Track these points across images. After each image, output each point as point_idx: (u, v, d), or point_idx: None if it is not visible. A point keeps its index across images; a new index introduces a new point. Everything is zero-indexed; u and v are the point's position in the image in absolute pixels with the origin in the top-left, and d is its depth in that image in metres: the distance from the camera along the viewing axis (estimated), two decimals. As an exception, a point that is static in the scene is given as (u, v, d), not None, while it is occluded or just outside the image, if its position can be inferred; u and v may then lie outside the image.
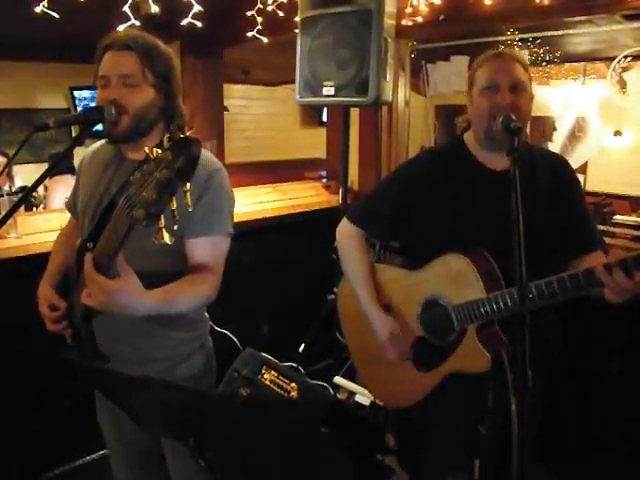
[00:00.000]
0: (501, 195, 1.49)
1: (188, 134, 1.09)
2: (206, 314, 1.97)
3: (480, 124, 1.83)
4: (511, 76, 1.79)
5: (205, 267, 1.67)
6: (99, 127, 1.67)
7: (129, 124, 1.65)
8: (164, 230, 1.15)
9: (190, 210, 1.18)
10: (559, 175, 1.92)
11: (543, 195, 1.83)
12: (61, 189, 4.88)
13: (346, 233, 2.13)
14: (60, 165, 4.97)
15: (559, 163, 1.98)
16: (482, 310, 1.75)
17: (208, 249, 1.69)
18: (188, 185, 1.13)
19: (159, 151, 1.12)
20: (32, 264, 1.98)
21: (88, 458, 3.02)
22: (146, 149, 1.14)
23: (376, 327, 2.03)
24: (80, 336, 1.81)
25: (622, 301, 1.58)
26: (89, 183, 1.85)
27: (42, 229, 2.83)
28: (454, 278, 1.83)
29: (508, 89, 1.77)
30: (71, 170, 5.09)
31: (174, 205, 1.14)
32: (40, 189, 4.74)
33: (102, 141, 1.89)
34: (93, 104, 1.71)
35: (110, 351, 1.78)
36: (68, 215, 2.00)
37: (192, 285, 1.64)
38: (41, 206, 5.11)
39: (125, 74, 1.64)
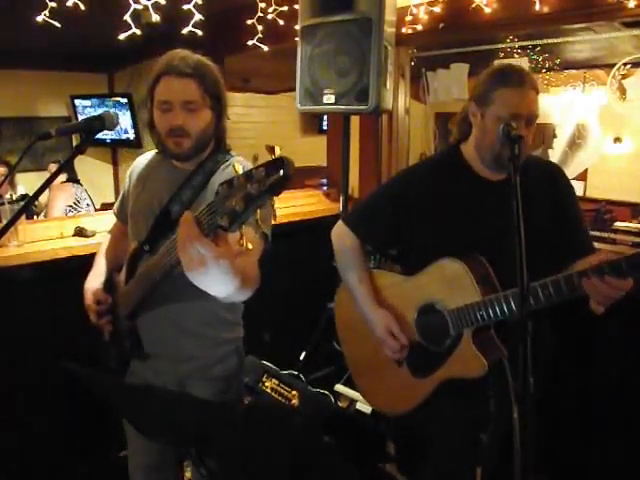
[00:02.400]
0: (497, 204, 1.50)
1: (282, 154, 1.14)
2: (241, 319, 2.09)
3: (490, 149, 1.82)
4: (530, 111, 1.78)
5: (250, 255, 1.66)
6: (100, 135, 1.72)
7: (191, 146, 1.77)
8: (245, 237, 1.23)
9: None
10: (552, 182, 1.93)
11: (537, 203, 1.84)
12: (62, 198, 4.89)
13: (342, 235, 2.14)
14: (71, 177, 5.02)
15: (552, 170, 1.99)
16: (478, 314, 1.76)
17: (256, 241, 1.72)
18: (275, 199, 1.19)
19: (242, 167, 1.21)
20: (33, 272, 1.99)
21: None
22: (235, 165, 1.22)
23: (372, 323, 2.04)
24: (121, 333, 1.94)
25: (604, 310, 1.62)
26: (139, 190, 1.95)
27: (43, 237, 2.84)
28: (450, 282, 1.84)
29: (524, 124, 1.76)
30: (73, 179, 5.11)
31: (258, 215, 1.21)
32: (41, 197, 4.75)
33: (152, 151, 2.01)
34: (94, 112, 1.74)
35: (152, 349, 1.90)
36: (68, 224, 2.02)
37: (251, 269, 1.66)
38: (42, 214, 5.12)
39: (188, 100, 1.73)
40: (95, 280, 2.01)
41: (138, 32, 2.79)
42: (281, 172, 1.11)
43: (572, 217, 1.94)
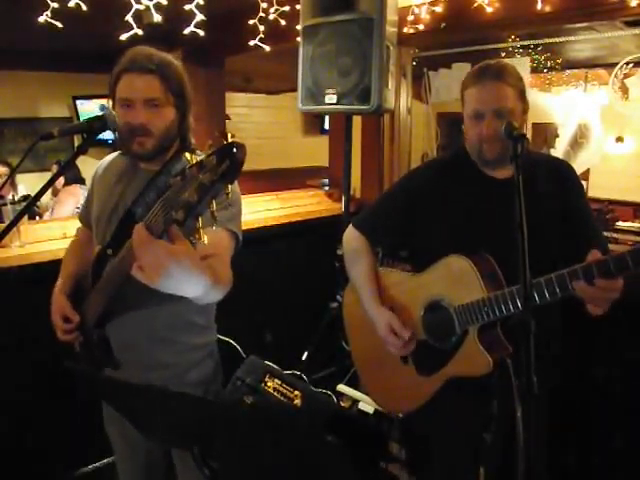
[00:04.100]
0: (503, 203, 1.50)
1: (234, 139, 1.10)
2: (214, 323, 2.02)
3: (471, 148, 1.88)
4: (495, 104, 1.78)
5: (220, 256, 1.65)
6: (102, 136, 1.70)
7: (155, 145, 1.72)
8: (202, 230, 1.18)
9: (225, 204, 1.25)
10: (561, 179, 1.92)
11: (545, 200, 1.83)
12: (70, 201, 4.88)
13: (351, 238, 2.15)
14: (68, 175, 5.00)
15: (560, 167, 1.98)
16: (483, 311, 1.75)
17: (223, 240, 1.69)
18: (230, 187, 1.15)
19: (197, 157, 1.16)
20: (35, 273, 1.99)
21: (98, 464, 3.02)
22: (186, 155, 1.19)
23: (377, 323, 2.03)
24: (91, 343, 1.85)
25: (604, 312, 1.60)
26: (104, 193, 1.89)
27: (45, 238, 2.84)
28: (456, 279, 1.84)
29: (492, 117, 1.77)
30: (79, 180, 5.11)
31: (214, 207, 1.16)
32: (43, 198, 4.74)
33: (115, 153, 1.95)
34: (96, 113, 1.73)
35: (122, 357, 1.83)
36: (70, 224, 2.01)
37: (223, 269, 1.61)
38: (47, 214, 5.11)
39: (151, 97, 1.68)
40: (62, 292, 1.90)
41: (140, 32, 2.79)
42: (232, 158, 1.09)
43: (582, 215, 1.93)
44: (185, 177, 1.14)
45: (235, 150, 1.09)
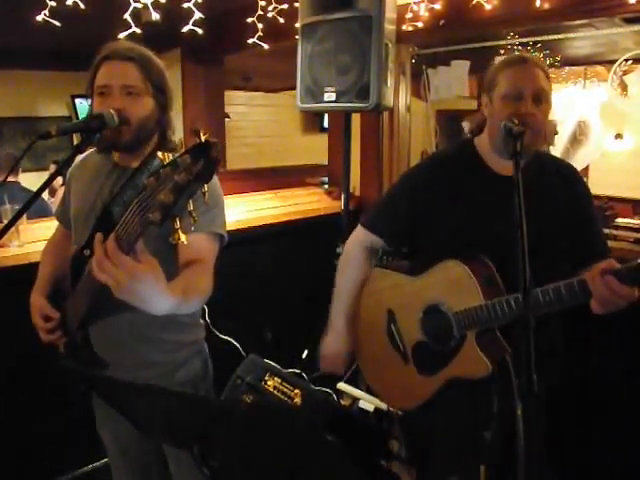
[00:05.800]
0: (509, 200, 1.49)
1: (207, 137, 1.07)
2: (201, 320, 2.00)
3: (498, 129, 1.77)
4: (535, 85, 1.77)
5: (202, 262, 1.64)
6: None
7: (132, 134, 1.68)
8: (180, 231, 1.17)
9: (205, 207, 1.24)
10: (567, 182, 1.91)
11: (551, 201, 1.83)
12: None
13: (354, 241, 2.16)
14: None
15: (567, 170, 1.98)
16: (481, 317, 1.75)
17: (205, 245, 1.67)
18: (206, 186, 1.13)
19: (171, 155, 1.13)
20: (34, 272, 1.98)
21: (90, 467, 3.02)
22: (159, 154, 1.16)
23: (330, 337, 2.18)
24: (75, 344, 1.82)
25: (605, 313, 1.60)
26: (81, 191, 1.86)
27: (43, 237, 2.83)
28: (454, 285, 1.84)
29: (531, 98, 1.75)
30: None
31: (191, 206, 1.14)
32: (43, 197, 4.73)
33: (90, 150, 1.90)
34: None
35: (108, 358, 1.79)
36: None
37: (200, 280, 1.59)
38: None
39: (129, 84, 1.66)
40: (40, 293, 1.89)
41: (138, 31, 2.78)
42: (207, 157, 1.06)
43: (587, 219, 1.92)
44: (159, 177, 1.11)
45: (209, 149, 1.06)
